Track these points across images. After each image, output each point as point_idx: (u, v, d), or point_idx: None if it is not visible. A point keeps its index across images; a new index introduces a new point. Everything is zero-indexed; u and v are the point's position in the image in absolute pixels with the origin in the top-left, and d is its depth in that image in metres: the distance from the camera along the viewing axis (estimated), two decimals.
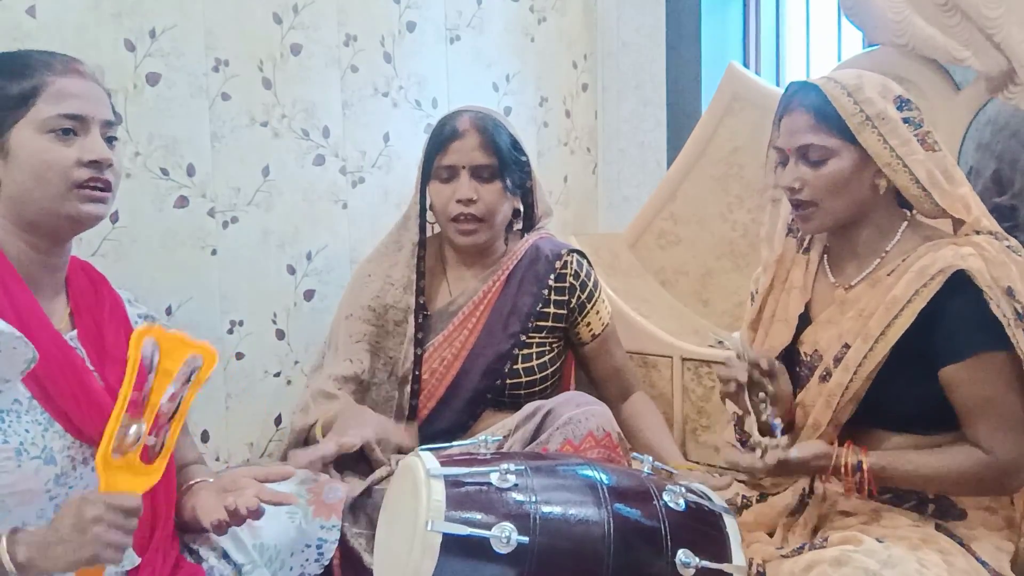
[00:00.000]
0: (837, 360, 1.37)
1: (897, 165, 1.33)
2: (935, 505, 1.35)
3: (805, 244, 1.52)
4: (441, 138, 1.75)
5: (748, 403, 1.38)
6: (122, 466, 1.08)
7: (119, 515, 1.04)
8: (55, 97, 1.18)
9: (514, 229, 1.88)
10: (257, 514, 1.19)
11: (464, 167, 1.73)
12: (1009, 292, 1.26)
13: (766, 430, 1.36)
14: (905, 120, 1.34)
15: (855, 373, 1.34)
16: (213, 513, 1.21)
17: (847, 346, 1.36)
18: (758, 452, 1.32)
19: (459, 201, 1.72)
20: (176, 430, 1.14)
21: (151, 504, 1.21)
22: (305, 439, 1.70)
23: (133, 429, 1.09)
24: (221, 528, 1.20)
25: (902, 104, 1.36)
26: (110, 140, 1.23)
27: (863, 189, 1.37)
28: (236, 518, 1.19)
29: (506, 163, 1.74)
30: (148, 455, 1.11)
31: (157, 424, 1.11)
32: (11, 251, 1.19)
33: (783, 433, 1.37)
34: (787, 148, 1.39)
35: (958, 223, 1.37)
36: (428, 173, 1.78)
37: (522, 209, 1.87)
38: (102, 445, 1.07)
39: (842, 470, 1.32)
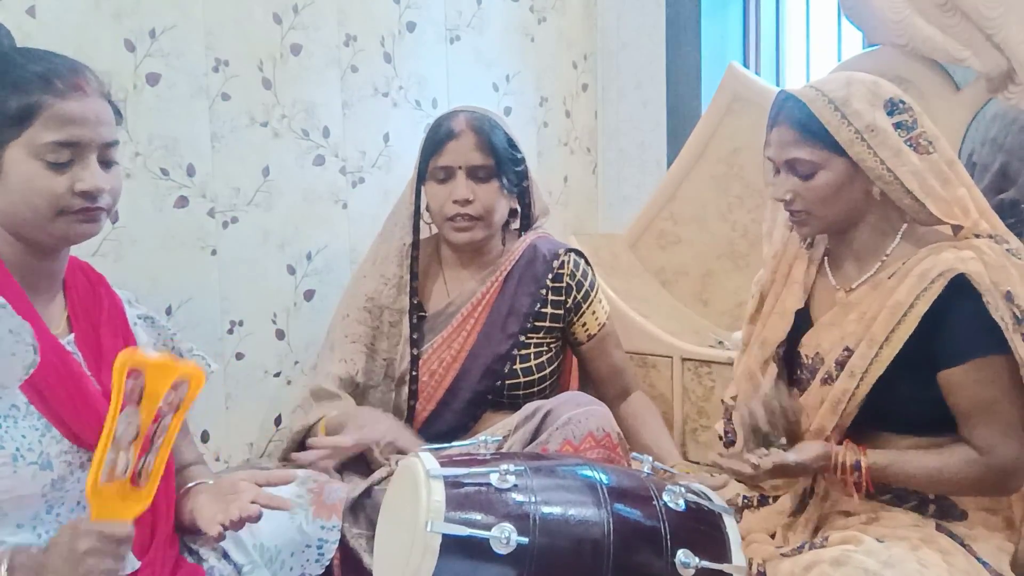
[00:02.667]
0: (839, 364, 1.37)
1: (889, 177, 1.32)
2: (936, 505, 1.35)
3: (809, 239, 1.52)
4: (437, 139, 1.74)
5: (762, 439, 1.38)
6: (112, 493, 1.07)
7: (111, 544, 1.04)
8: (53, 122, 1.12)
9: (511, 229, 1.87)
10: (255, 519, 1.19)
11: (460, 167, 1.72)
12: (1008, 296, 1.26)
13: (767, 444, 1.37)
14: (897, 125, 1.33)
15: (861, 379, 1.33)
16: (211, 523, 1.20)
17: (849, 349, 1.36)
18: (753, 458, 1.32)
19: (456, 202, 1.72)
20: (165, 453, 1.12)
21: (151, 506, 1.21)
22: (303, 439, 1.70)
23: (121, 456, 1.07)
24: (220, 538, 1.20)
25: (893, 108, 1.34)
26: (108, 163, 1.18)
27: (855, 196, 1.36)
28: (235, 525, 1.19)
29: (502, 163, 1.74)
30: (137, 479, 1.10)
31: (145, 448, 1.10)
32: (6, 255, 1.17)
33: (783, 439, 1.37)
34: (776, 161, 1.40)
35: (957, 226, 1.37)
36: (424, 174, 1.77)
37: (519, 209, 1.86)
38: (90, 474, 1.06)
39: (840, 469, 1.32)
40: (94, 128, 1.16)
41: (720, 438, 1.58)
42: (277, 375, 2.02)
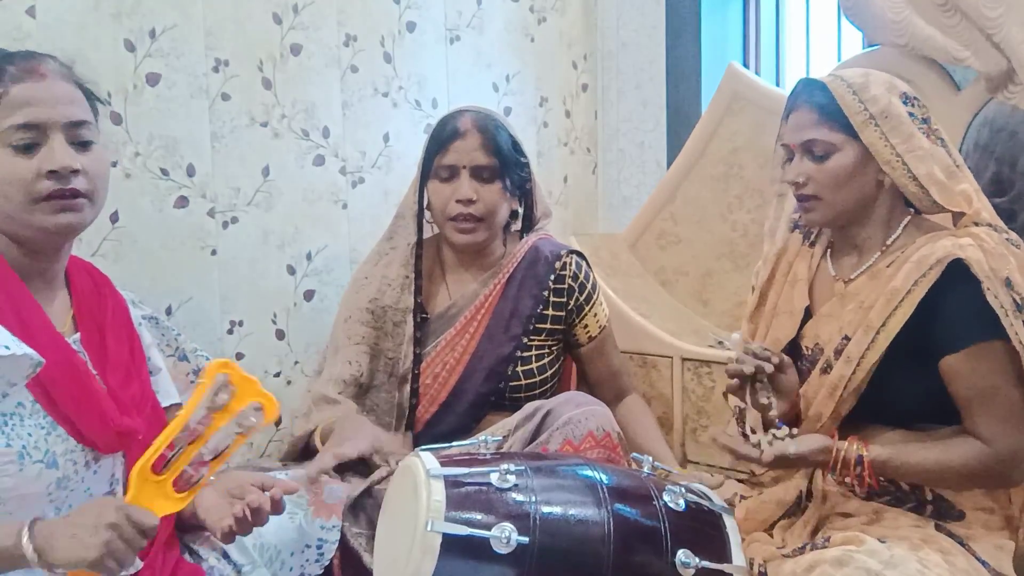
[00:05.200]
0: (838, 352, 1.37)
1: (896, 163, 1.34)
2: (933, 506, 1.35)
3: (812, 237, 1.52)
4: (442, 137, 1.74)
5: (750, 399, 1.38)
6: (154, 484, 1.08)
7: (134, 530, 1.03)
8: (9, 107, 1.13)
9: (512, 230, 1.87)
10: (272, 511, 1.18)
11: (465, 167, 1.72)
12: (1007, 283, 1.27)
13: (770, 424, 1.36)
14: (911, 115, 1.36)
15: (858, 365, 1.34)
16: (222, 519, 1.18)
17: (847, 338, 1.36)
18: (758, 446, 1.32)
19: (459, 201, 1.72)
20: (215, 469, 1.13)
21: None
22: (304, 445, 1.70)
23: (181, 456, 1.09)
24: (230, 537, 1.19)
25: (907, 100, 1.37)
26: (83, 143, 1.17)
27: (866, 184, 1.38)
28: (243, 527, 1.18)
29: (507, 164, 1.74)
30: (180, 484, 1.11)
31: (200, 458, 1.11)
32: (8, 256, 1.17)
33: (787, 428, 1.37)
34: (792, 144, 1.41)
35: (958, 216, 1.38)
36: (427, 172, 1.77)
37: (521, 211, 1.86)
38: (144, 457, 1.07)
39: (842, 464, 1.32)
40: (53, 107, 1.15)
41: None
42: (277, 375, 2.02)
